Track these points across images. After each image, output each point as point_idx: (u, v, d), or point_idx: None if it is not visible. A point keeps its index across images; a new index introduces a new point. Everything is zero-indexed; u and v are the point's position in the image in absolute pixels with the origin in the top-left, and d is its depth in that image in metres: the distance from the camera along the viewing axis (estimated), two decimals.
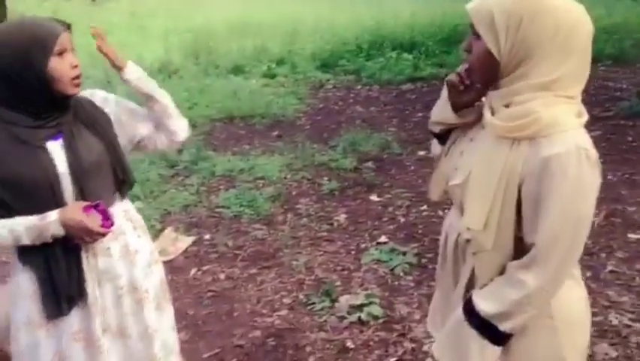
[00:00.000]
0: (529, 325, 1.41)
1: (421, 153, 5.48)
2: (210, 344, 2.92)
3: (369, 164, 5.24)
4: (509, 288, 1.36)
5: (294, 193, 4.73)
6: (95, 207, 1.75)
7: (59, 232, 1.70)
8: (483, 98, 1.49)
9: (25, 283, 1.77)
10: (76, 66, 1.70)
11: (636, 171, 4.89)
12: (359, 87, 8.23)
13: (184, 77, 8.47)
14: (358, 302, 3.13)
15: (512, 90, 1.35)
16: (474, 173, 1.40)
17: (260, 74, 8.78)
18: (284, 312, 3.15)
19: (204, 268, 3.65)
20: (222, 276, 3.55)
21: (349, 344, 2.85)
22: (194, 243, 3.96)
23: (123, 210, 1.91)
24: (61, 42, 1.67)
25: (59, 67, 1.66)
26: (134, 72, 1.95)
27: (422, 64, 8.79)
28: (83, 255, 1.78)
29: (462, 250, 1.55)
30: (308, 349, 2.84)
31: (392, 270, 3.50)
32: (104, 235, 1.75)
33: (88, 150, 1.76)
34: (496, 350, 1.42)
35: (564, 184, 1.27)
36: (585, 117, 1.37)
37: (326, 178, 4.98)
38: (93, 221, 1.71)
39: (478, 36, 1.37)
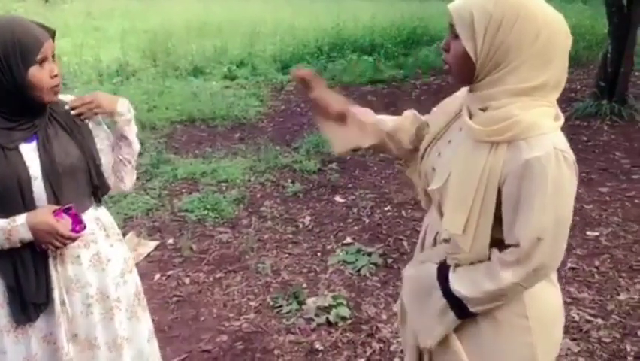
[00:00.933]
0: (503, 324, 1.44)
1: (384, 154, 5.51)
2: (177, 349, 2.88)
3: (333, 165, 5.25)
4: (487, 280, 1.38)
5: (258, 196, 4.71)
6: (66, 210, 1.71)
7: (27, 236, 1.66)
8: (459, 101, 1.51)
9: None
10: (55, 75, 1.67)
11: (592, 170, 5.03)
12: None
13: (142, 79, 8.33)
14: (326, 304, 3.13)
15: (489, 94, 1.36)
16: (453, 177, 1.41)
17: (220, 75, 8.72)
18: (251, 315, 3.13)
19: (168, 272, 3.59)
20: (187, 280, 3.50)
21: (318, 346, 2.85)
22: (157, 247, 3.90)
23: (95, 218, 1.87)
24: (44, 51, 1.63)
25: (39, 75, 1.63)
26: (125, 114, 1.91)
27: (382, 66, 8.87)
28: (51, 262, 1.74)
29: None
30: (276, 352, 2.82)
31: (358, 271, 3.51)
32: (74, 239, 1.72)
33: (64, 154, 1.73)
34: (456, 320, 1.45)
35: (544, 186, 1.29)
36: (561, 120, 1.38)
37: (290, 180, 4.97)
38: (63, 225, 1.68)
39: (456, 36, 1.37)
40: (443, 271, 1.47)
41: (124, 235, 3.99)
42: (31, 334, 1.76)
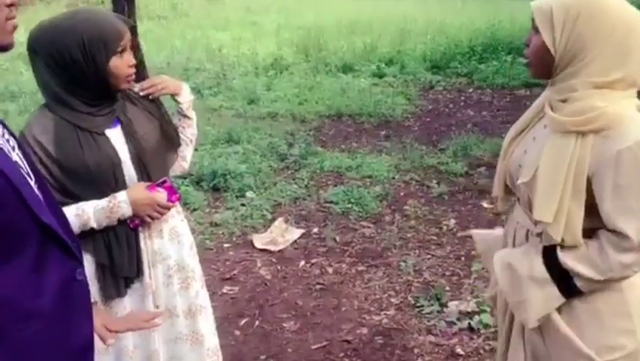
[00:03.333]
0: (604, 312, 1.48)
1: None
2: (319, 336, 2.96)
3: (482, 169, 5.10)
4: (600, 259, 1.41)
5: (401, 194, 4.70)
6: (160, 184, 1.86)
7: (128, 211, 1.78)
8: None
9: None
10: (132, 65, 1.78)
11: None
12: (471, 90, 8.05)
13: (294, 74, 8.64)
14: (469, 309, 3.06)
15: (569, 86, 1.42)
16: (541, 168, 1.44)
17: (369, 73, 8.79)
18: (391, 312, 3.14)
19: (313, 260, 3.70)
20: (330, 270, 3.58)
21: (459, 350, 2.80)
22: (302, 235, 4.03)
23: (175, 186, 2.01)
24: (124, 42, 1.74)
25: (119, 65, 1.74)
26: (187, 96, 2.05)
27: None
28: (141, 237, 1.87)
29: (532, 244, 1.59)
30: (416, 351, 2.81)
31: None
32: (170, 208, 1.88)
33: (146, 134, 1.87)
34: (560, 297, 1.48)
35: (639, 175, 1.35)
36: None
37: (435, 181, 4.91)
38: (161, 197, 1.84)
39: (537, 30, 1.44)
40: (549, 249, 1.49)
41: (272, 220, 4.19)
42: (116, 311, 1.86)
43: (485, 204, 4.47)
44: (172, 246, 1.96)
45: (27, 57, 1.78)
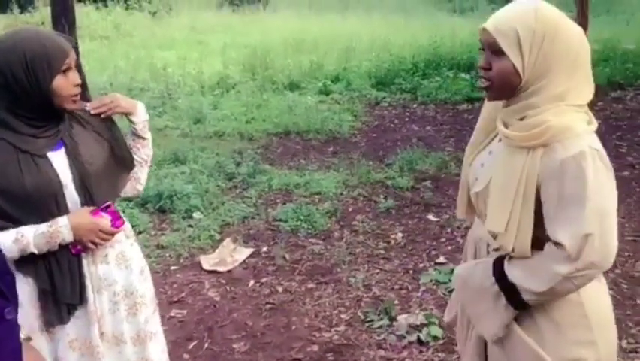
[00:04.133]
0: (564, 325, 1.50)
1: None
2: (269, 356, 2.94)
3: (427, 183, 5.19)
4: (540, 271, 1.44)
5: (350, 210, 4.73)
6: (104, 209, 1.81)
7: (69, 237, 1.73)
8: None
9: (24, 292, 1.76)
10: (77, 85, 1.75)
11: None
12: (415, 106, 8.20)
13: (241, 92, 8.62)
14: (418, 322, 3.10)
15: (528, 104, 1.46)
16: (493, 179, 1.50)
17: (315, 90, 8.85)
18: (342, 328, 3.14)
19: (262, 280, 3.68)
20: (280, 289, 3.56)
21: None
22: (251, 255, 4.00)
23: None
24: (69, 61, 1.71)
25: (63, 84, 1.70)
26: (142, 116, 2.00)
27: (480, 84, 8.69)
28: (84, 263, 1.82)
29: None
30: None
31: (451, 291, 3.43)
32: (114, 234, 1.83)
33: (92, 157, 1.82)
34: (511, 311, 1.51)
35: (583, 183, 1.37)
36: (595, 125, 1.48)
37: (382, 196, 4.96)
38: (104, 222, 1.79)
39: (498, 53, 1.45)
40: (498, 262, 1.53)
41: (220, 241, 4.14)
42: (59, 338, 1.82)
43: (432, 217, 4.54)
44: (119, 271, 1.91)
45: None
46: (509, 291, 1.49)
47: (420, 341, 2.97)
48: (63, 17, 6.56)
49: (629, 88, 8.39)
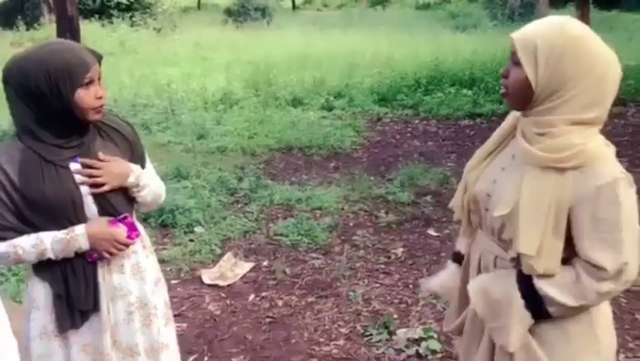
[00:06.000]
0: (573, 335, 1.55)
1: None
2: None
3: (428, 198, 5.22)
4: (575, 287, 1.47)
5: (351, 224, 4.75)
6: (122, 220, 1.86)
7: (85, 245, 1.79)
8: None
9: (40, 295, 1.85)
10: (100, 97, 1.79)
11: None
12: (417, 121, 8.25)
13: (244, 108, 8.68)
14: (416, 336, 3.11)
15: (548, 121, 1.47)
16: (523, 202, 1.48)
17: (318, 106, 8.91)
18: (341, 342, 3.15)
19: (262, 294, 3.70)
20: (280, 303, 3.58)
21: None
22: (252, 269, 4.02)
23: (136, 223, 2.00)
24: (91, 74, 1.76)
25: (85, 97, 1.75)
26: (134, 184, 1.93)
27: (482, 100, 8.74)
28: (99, 271, 1.87)
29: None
30: None
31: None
32: (129, 245, 1.87)
33: None
34: (530, 320, 1.53)
35: (619, 210, 1.43)
36: (612, 147, 1.52)
37: (383, 211, 4.99)
38: (120, 233, 1.83)
39: (517, 63, 1.48)
40: (521, 274, 1.54)
41: (221, 255, 4.16)
42: (73, 342, 1.86)
43: (432, 232, 4.56)
44: (134, 282, 1.94)
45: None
46: (534, 302, 1.52)
47: (418, 355, 2.98)
48: (68, 34, 6.65)
49: (630, 104, 8.43)
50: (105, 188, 1.83)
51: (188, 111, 8.45)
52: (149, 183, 1.99)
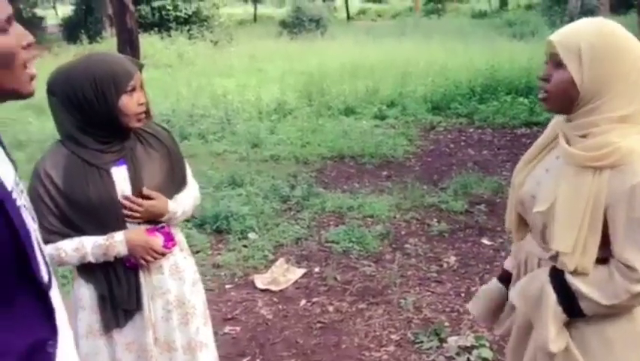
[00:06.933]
0: (616, 341, 1.53)
1: None
2: None
3: (481, 207, 5.15)
4: (607, 284, 1.47)
5: (402, 233, 4.74)
6: (159, 229, 1.92)
7: (123, 251, 1.87)
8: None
9: (85, 296, 1.94)
10: (142, 104, 1.88)
11: None
12: (471, 130, 8.16)
13: (298, 117, 8.78)
14: (468, 344, 3.08)
15: (590, 122, 1.47)
16: (560, 200, 1.49)
17: (371, 115, 8.92)
18: (391, 348, 3.15)
19: (314, 299, 3.73)
20: (331, 308, 3.61)
21: None
22: (304, 275, 4.06)
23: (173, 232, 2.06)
24: (134, 82, 1.85)
25: (128, 104, 1.84)
26: (172, 217, 2.02)
27: (538, 108, 8.54)
28: (140, 272, 1.95)
29: None
30: None
31: None
32: (165, 254, 1.93)
33: (151, 175, 1.94)
34: (563, 316, 1.54)
35: None
36: None
37: (435, 220, 4.95)
38: (156, 242, 1.90)
39: (558, 65, 1.48)
40: (554, 270, 1.55)
41: (274, 261, 4.23)
42: (117, 340, 1.94)
43: (486, 241, 4.50)
44: (172, 281, 2.02)
45: (35, 107, 1.90)
46: (566, 298, 1.52)
47: None
48: (128, 46, 6.91)
49: None
50: (138, 220, 1.92)
51: (243, 121, 8.61)
52: (182, 207, 2.06)
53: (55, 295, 1.21)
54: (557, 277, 1.54)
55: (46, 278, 1.17)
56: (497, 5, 30.61)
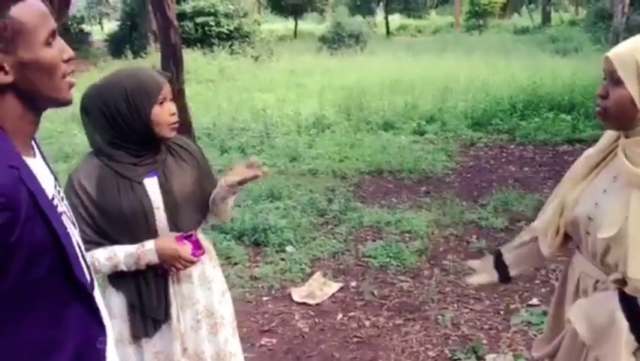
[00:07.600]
0: None
1: None
2: None
3: (522, 224, 5.06)
4: None
5: (441, 249, 4.70)
6: (188, 237, 1.95)
7: (154, 259, 1.90)
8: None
9: (116, 305, 1.97)
10: (173, 114, 1.93)
11: None
12: (512, 147, 8.05)
13: (336, 132, 8.81)
14: None
15: None
16: (633, 224, 1.44)
17: (410, 130, 8.90)
18: None
19: (350, 314, 3.72)
20: (367, 323, 3.59)
21: None
22: (340, 289, 4.06)
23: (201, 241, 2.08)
24: (164, 93, 1.90)
25: (160, 114, 1.89)
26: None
27: (581, 125, 8.41)
28: (170, 282, 1.97)
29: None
30: None
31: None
32: (194, 262, 1.96)
33: (181, 185, 1.98)
34: (635, 343, 1.49)
35: None
36: None
37: (475, 236, 4.89)
38: (185, 250, 1.93)
39: (616, 82, 1.46)
40: (624, 297, 1.50)
41: (311, 274, 4.24)
42: (145, 349, 1.97)
43: None
44: (201, 291, 2.05)
45: (80, 120, 1.96)
46: (638, 325, 1.48)
47: None
48: (172, 61, 7.05)
49: None
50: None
51: (282, 135, 8.68)
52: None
53: (97, 296, 1.26)
54: (630, 304, 1.49)
55: (88, 280, 1.22)
56: (540, 21, 30.26)
